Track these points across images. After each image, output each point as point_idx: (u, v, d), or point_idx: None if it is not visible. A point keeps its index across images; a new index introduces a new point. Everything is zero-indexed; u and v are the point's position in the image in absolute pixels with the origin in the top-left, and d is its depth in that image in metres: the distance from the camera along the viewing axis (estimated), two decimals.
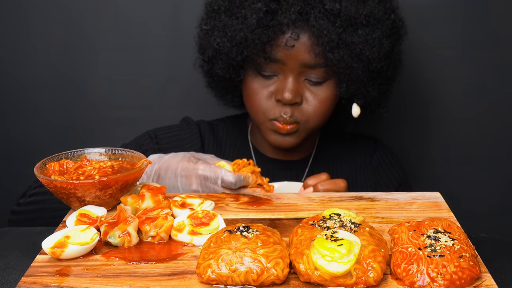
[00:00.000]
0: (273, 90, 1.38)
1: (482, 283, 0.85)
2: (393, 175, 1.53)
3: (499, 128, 1.79)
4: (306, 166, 1.53)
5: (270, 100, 1.38)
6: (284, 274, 0.85)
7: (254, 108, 1.41)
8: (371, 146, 1.58)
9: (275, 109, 1.38)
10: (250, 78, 1.40)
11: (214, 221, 0.98)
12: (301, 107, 1.37)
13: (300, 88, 1.36)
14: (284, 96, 1.34)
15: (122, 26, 1.75)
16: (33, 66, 1.78)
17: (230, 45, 1.34)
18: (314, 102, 1.37)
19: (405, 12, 1.46)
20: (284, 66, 1.35)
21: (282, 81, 1.36)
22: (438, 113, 1.79)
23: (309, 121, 1.39)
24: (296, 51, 1.32)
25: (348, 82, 1.35)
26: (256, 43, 1.31)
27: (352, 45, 1.31)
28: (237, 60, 1.35)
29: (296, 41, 1.31)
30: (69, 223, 1.00)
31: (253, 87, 1.39)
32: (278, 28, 1.31)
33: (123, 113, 1.80)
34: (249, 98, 1.41)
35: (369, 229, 0.91)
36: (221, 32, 1.35)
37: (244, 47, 1.33)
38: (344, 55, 1.31)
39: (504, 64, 1.75)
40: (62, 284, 0.85)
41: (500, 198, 1.84)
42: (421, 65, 1.75)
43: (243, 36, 1.31)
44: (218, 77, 1.45)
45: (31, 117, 1.81)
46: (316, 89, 1.37)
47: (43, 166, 1.08)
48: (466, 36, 1.72)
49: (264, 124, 1.41)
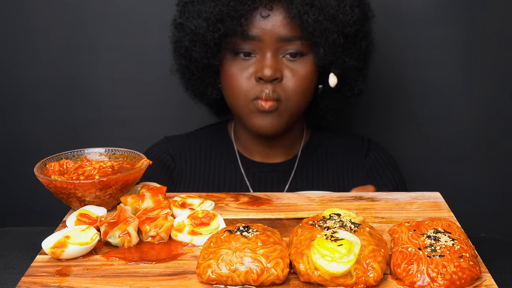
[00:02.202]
0: (252, 71, 1.38)
1: (482, 283, 0.85)
2: (388, 177, 1.52)
3: (499, 128, 1.79)
4: (292, 168, 1.51)
5: (250, 80, 1.38)
6: (284, 274, 0.85)
7: (235, 92, 1.40)
8: (364, 145, 1.56)
9: (256, 88, 1.37)
10: (228, 62, 1.40)
11: (214, 221, 0.98)
12: (282, 84, 1.38)
13: (279, 65, 1.37)
14: (264, 73, 1.35)
15: (122, 26, 1.75)
16: (33, 66, 1.78)
17: (207, 24, 1.35)
18: (294, 79, 1.38)
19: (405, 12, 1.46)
20: (261, 43, 1.36)
21: (261, 60, 1.37)
22: (438, 113, 1.78)
23: (290, 98, 1.39)
24: (272, 25, 1.34)
25: (325, 46, 1.36)
26: (233, 16, 1.33)
27: (326, 7, 1.33)
28: (215, 38, 1.36)
29: (270, 10, 1.34)
30: (69, 223, 1.00)
31: (232, 71, 1.40)
32: (252, 1, 1.33)
33: (123, 113, 1.79)
34: (229, 82, 1.41)
35: (369, 229, 0.91)
36: (196, 15, 1.37)
37: (221, 23, 1.34)
38: (319, 17, 1.33)
39: (504, 64, 1.74)
40: (62, 284, 0.85)
41: (500, 198, 1.84)
42: (420, 65, 1.75)
43: (218, 12, 1.33)
44: (197, 69, 1.45)
45: (31, 116, 1.81)
46: (295, 65, 1.38)
47: (43, 166, 1.08)
48: (465, 36, 1.72)
49: (246, 107, 1.40)
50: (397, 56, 1.73)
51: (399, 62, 1.74)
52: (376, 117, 1.79)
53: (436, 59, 1.74)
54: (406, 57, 1.74)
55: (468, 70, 1.75)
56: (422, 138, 1.81)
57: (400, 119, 1.81)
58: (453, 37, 1.72)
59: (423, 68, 1.75)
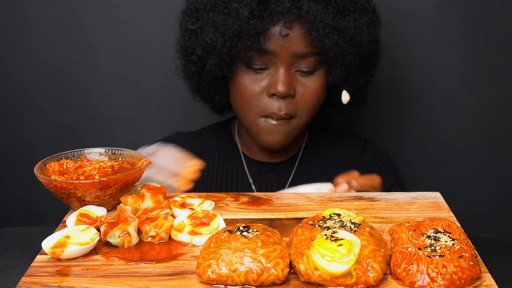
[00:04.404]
0: (265, 85, 1.36)
1: (482, 283, 0.85)
2: (385, 175, 1.52)
3: (499, 128, 1.79)
4: (293, 166, 1.52)
5: (262, 95, 1.36)
6: (284, 274, 0.85)
7: (246, 105, 1.39)
8: (360, 145, 1.57)
9: (267, 105, 1.36)
10: (241, 74, 1.38)
11: (214, 221, 0.98)
12: (294, 100, 1.37)
13: (293, 80, 1.36)
14: (278, 89, 1.33)
15: (122, 26, 1.75)
16: (33, 66, 1.78)
17: (223, 39, 1.33)
18: (307, 94, 1.37)
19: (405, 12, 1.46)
20: (276, 58, 1.34)
21: (274, 74, 1.35)
22: (438, 112, 1.78)
23: (302, 115, 1.39)
24: (289, 41, 1.32)
25: (341, 67, 1.36)
26: (251, 34, 1.31)
27: (345, 29, 1.33)
28: (231, 54, 1.34)
29: (289, 29, 1.32)
30: (69, 223, 1.00)
31: (244, 83, 1.37)
32: (271, 18, 1.31)
33: (123, 113, 1.79)
34: (240, 94, 1.39)
35: (369, 229, 0.91)
36: (212, 28, 1.34)
37: (239, 40, 1.32)
38: (338, 40, 1.32)
39: (504, 64, 1.74)
40: (62, 284, 0.85)
41: (500, 198, 1.84)
42: (420, 65, 1.75)
43: (237, 29, 1.31)
44: (208, 77, 1.43)
45: (31, 117, 1.81)
46: (307, 80, 1.37)
47: (43, 166, 1.08)
48: (465, 36, 1.72)
49: (255, 122, 1.39)
50: (397, 56, 1.73)
51: (399, 63, 1.74)
52: (376, 117, 1.79)
53: (436, 59, 1.74)
54: (405, 57, 1.74)
55: (468, 70, 1.75)
56: (422, 138, 1.81)
57: (400, 119, 1.81)
58: (453, 37, 1.72)
59: (422, 68, 1.75)
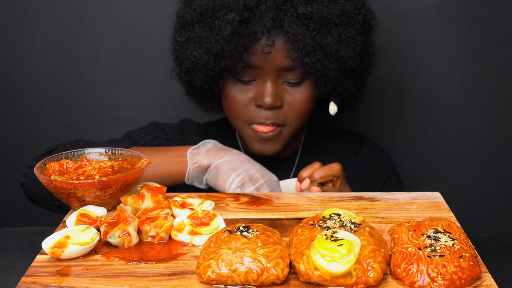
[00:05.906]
0: (252, 96, 1.38)
1: (482, 283, 0.85)
2: (380, 168, 1.54)
3: (499, 128, 1.79)
4: (293, 162, 1.53)
5: (250, 105, 1.39)
6: (284, 274, 0.85)
7: (234, 115, 1.42)
8: (357, 140, 1.59)
9: (255, 114, 1.38)
10: (229, 86, 1.40)
11: (214, 221, 0.98)
12: (282, 111, 1.38)
13: (280, 92, 1.37)
14: (265, 101, 1.35)
15: (123, 26, 1.75)
16: (33, 66, 1.78)
17: (207, 56, 1.34)
18: (295, 104, 1.38)
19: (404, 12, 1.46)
20: (262, 71, 1.35)
21: (261, 86, 1.37)
22: (438, 113, 1.78)
23: (291, 124, 1.40)
24: (273, 56, 1.33)
25: (325, 82, 1.37)
26: (233, 53, 1.32)
27: (327, 46, 1.32)
28: (215, 70, 1.36)
29: (271, 47, 1.32)
30: (69, 223, 1.00)
31: (232, 94, 1.40)
32: (253, 36, 1.32)
33: (123, 113, 1.79)
34: (229, 105, 1.42)
35: (369, 229, 0.91)
36: (197, 44, 1.35)
37: (221, 58, 1.34)
38: (320, 57, 1.32)
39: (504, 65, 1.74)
40: (62, 284, 0.85)
41: (500, 198, 1.84)
42: (420, 65, 1.75)
43: (219, 48, 1.32)
44: (197, 87, 1.46)
45: (32, 116, 1.81)
46: (295, 90, 1.38)
47: (43, 166, 1.08)
48: (466, 36, 1.72)
49: (244, 130, 1.42)
50: (397, 56, 1.73)
51: (399, 63, 1.75)
52: (376, 117, 1.79)
53: (436, 59, 1.74)
54: (405, 57, 1.74)
55: (468, 70, 1.75)
56: (422, 138, 1.81)
57: (400, 119, 1.81)
58: (453, 37, 1.72)
59: (423, 68, 1.75)
